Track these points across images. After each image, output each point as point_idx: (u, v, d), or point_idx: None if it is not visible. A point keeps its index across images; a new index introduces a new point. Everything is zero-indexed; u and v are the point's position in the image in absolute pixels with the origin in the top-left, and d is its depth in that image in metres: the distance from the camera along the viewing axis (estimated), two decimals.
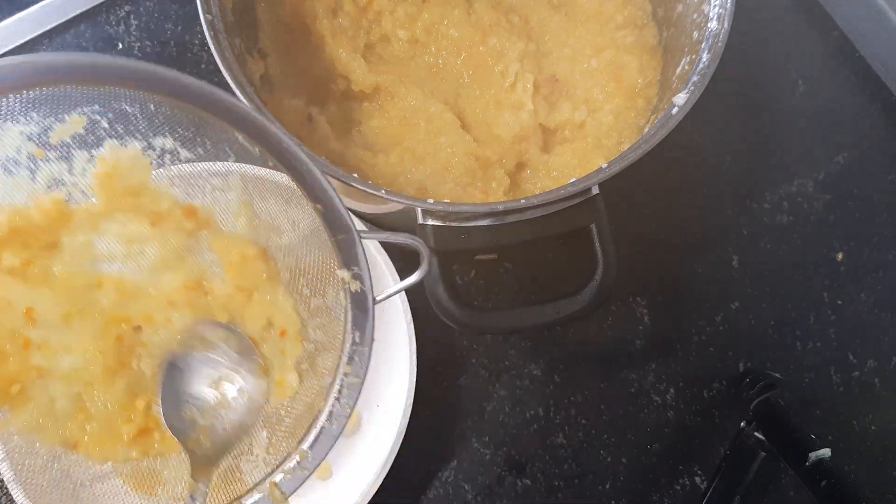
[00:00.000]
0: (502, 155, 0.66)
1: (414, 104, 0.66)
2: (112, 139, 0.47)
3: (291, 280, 0.52)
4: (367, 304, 0.48)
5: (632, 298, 0.74)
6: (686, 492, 0.71)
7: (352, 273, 0.48)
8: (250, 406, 0.50)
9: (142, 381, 0.50)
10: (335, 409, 0.50)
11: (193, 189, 0.50)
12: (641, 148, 0.53)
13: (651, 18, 0.70)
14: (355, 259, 0.47)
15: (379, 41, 0.70)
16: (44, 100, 0.43)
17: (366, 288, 0.48)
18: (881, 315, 0.75)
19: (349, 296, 0.48)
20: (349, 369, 0.49)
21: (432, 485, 0.69)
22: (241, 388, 0.50)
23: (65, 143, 0.46)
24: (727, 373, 0.73)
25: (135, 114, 0.45)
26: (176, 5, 0.78)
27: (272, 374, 0.52)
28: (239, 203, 0.51)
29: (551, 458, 0.71)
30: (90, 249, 0.48)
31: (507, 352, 0.72)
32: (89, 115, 0.45)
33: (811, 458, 0.62)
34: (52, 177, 0.47)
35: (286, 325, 0.52)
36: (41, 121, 0.44)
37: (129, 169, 0.48)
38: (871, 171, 0.78)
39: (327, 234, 0.47)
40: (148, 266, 0.49)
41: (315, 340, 0.52)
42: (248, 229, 0.51)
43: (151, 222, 0.49)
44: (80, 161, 0.47)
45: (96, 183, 0.47)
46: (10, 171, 0.45)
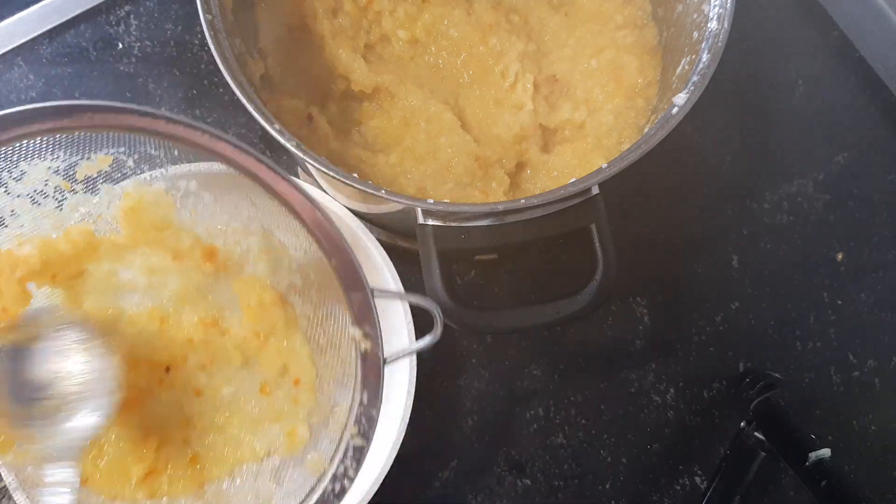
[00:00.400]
0: (502, 155, 0.66)
1: (414, 104, 0.67)
2: (137, 176, 0.49)
3: (308, 329, 0.51)
4: (377, 365, 0.47)
5: (632, 298, 0.74)
6: (686, 492, 0.71)
7: (363, 332, 0.46)
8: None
9: (155, 420, 0.51)
10: (339, 471, 0.48)
11: (215, 232, 0.51)
12: (641, 148, 0.53)
13: (651, 18, 0.70)
14: (368, 317, 0.46)
15: (379, 41, 0.70)
16: (70, 142, 0.44)
17: (377, 348, 0.46)
18: (881, 315, 0.75)
19: (359, 354, 0.47)
20: (355, 430, 0.47)
21: (432, 485, 0.69)
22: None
23: (91, 177, 0.48)
24: (727, 373, 0.73)
25: (160, 157, 0.47)
26: (176, 5, 0.78)
27: (283, 425, 0.52)
28: (259, 248, 0.51)
29: (551, 458, 0.71)
30: (113, 279, 0.50)
31: (507, 352, 0.72)
32: (115, 155, 0.47)
33: (811, 458, 0.62)
34: (77, 208, 0.48)
35: (301, 373, 0.51)
36: (67, 158, 0.46)
37: (153, 204, 0.49)
38: (871, 171, 0.78)
39: (341, 290, 0.46)
40: (168, 299, 0.51)
41: (328, 394, 0.51)
42: (268, 274, 0.51)
43: (173, 257, 0.50)
44: (105, 194, 0.49)
45: (121, 215, 0.49)
46: (37, 203, 0.47)
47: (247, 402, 0.52)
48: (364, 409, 0.47)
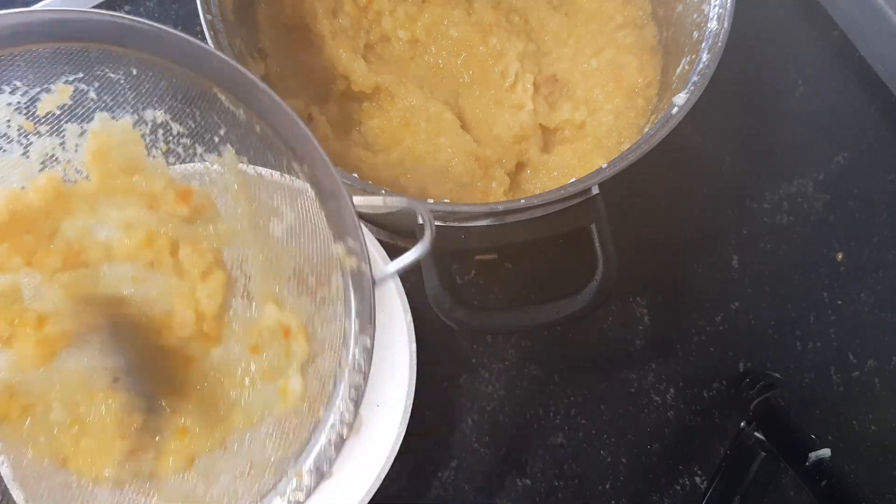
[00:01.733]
0: (502, 155, 0.66)
1: (414, 104, 0.67)
2: (102, 112, 0.45)
3: (296, 269, 0.47)
4: (366, 285, 0.42)
5: (632, 298, 0.74)
6: (686, 492, 0.71)
7: (346, 248, 0.42)
8: None
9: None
10: (334, 419, 0.44)
11: (188, 170, 0.47)
12: (641, 148, 0.53)
13: (651, 18, 0.70)
14: (349, 229, 0.42)
15: (379, 41, 0.70)
16: (25, 65, 0.42)
17: (364, 263, 0.42)
18: (881, 315, 0.75)
19: (347, 277, 0.43)
20: (350, 365, 0.44)
21: (432, 485, 0.69)
22: None
23: (55, 116, 0.45)
24: (727, 373, 0.73)
25: (120, 81, 0.44)
26: (176, 5, 0.78)
27: (276, 380, 0.48)
28: (237, 184, 0.47)
29: (551, 458, 0.71)
30: (88, 236, 0.46)
31: (507, 352, 0.72)
32: (75, 84, 0.44)
33: (811, 458, 0.62)
34: (45, 153, 0.45)
35: (291, 320, 0.47)
36: (27, 90, 0.43)
37: (122, 143, 0.46)
38: (871, 171, 0.78)
39: (317, 202, 0.42)
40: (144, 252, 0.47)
41: (321, 338, 0.47)
42: (248, 213, 0.47)
43: (148, 205, 0.46)
44: (72, 136, 0.45)
45: (90, 159, 0.45)
46: (3, 150, 0.45)
47: (237, 364, 0.49)
48: (357, 340, 0.43)
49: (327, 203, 0.42)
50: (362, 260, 0.42)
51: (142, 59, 0.42)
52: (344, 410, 0.44)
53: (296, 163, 0.43)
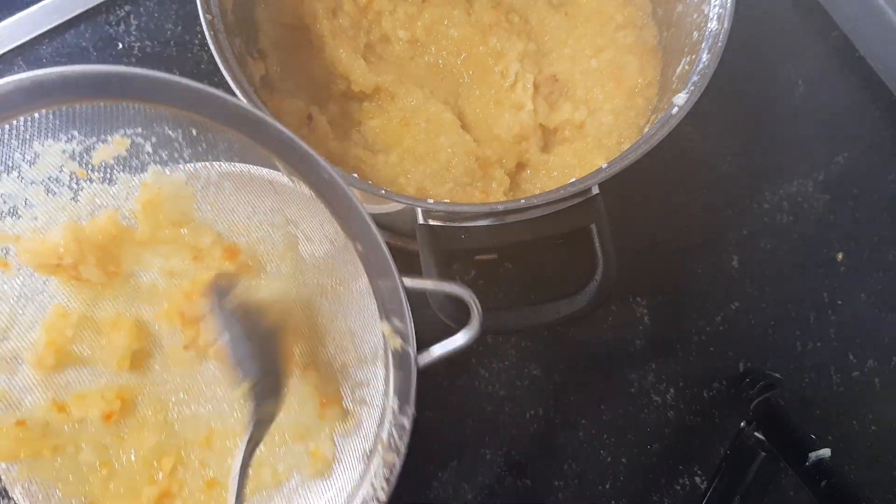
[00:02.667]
0: (502, 155, 0.66)
1: (414, 104, 0.67)
2: (156, 165, 0.46)
3: (336, 335, 0.48)
4: (408, 366, 0.42)
5: (632, 298, 0.74)
6: (686, 492, 0.71)
7: (392, 327, 0.42)
8: None
9: (171, 440, 0.48)
10: (367, 493, 0.43)
11: (237, 227, 0.48)
12: (641, 148, 0.53)
13: (651, 18, 0.70)
14: (397, 310, 0.41)
15: (379, 41, 0.70)
16: (84, 118, 0.42)
17: (408, 345, 0.42)
18: (881, 315, 0.75)
19: (389, 355, 0.42)
20: (385, 443, 0.43)
21: (432, 485, 0.69)
22: None
23: (108, 164, 0.45)
24: (727, 373, 0.73)
25: (178, 139, 0.44)
26: (176, 5, 0.78)
27: (308, 443, 0.48)
28: (283, 244, 0.47)
29: (551, 458, 0.71)
30: (131, 281, 0.47)
31: (507, 352, 0.72)
32: (132, 137, 0.44)
33: (811, 458, 0.62)
34: (94, 200, 0.46)
35: (328, 387, 0.48)
36: (83, 140, 0.44)
37: (172, 196, 0.46)
38: (871, 171, 0.78)
39: (367, 279, 0.42)
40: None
41: (356, 404, 0.47)
42: (293, 273, 0.47)
43: (193, 257, 0.47)
44: (123, 185, 0.46)
45: (139, 208, 0.46)
46: (52, 192, 0.45)
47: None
48: (395, 418, 0.42)
49: (377, 281, 0.42)
50: (407, 342, 0.42)
51: (201, 122, 0.41)
52: (378, 487, 0.44)
53: (350, 240, 0.42)
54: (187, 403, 0.50)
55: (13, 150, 0.42)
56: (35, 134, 0.42)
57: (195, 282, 0.47)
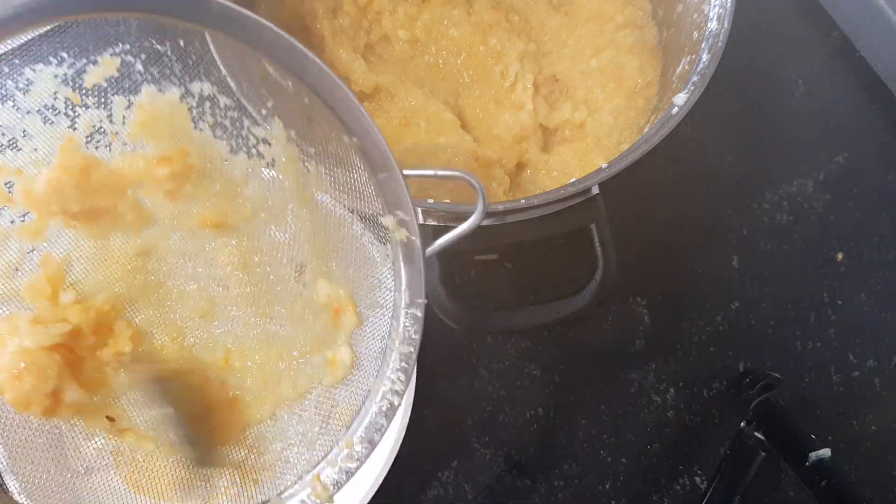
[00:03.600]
0: (502, 155, 0.66)
1: (414, 104, 0.66)
2: (149, 84, 0.45)
3: (343, 241, 0.47)
4: (415, 258, 0.42)
5: (632, 298, 0.74)
6: (686, 492, 0.71)
7: (396, 219, 0.42)
8: None
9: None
10: (385, 387, 0.44)
11: (237, 140, 0.46)
12: (641, 148, 0.53)
13: (651, 18, 0.70)
14: (399, 202, 0.41)
15: (379, 41, 0.70)
16: (70, 38, 0.41)
17: (414, 236, 0.41)
18: (881, 315, 0.75)
19: (397, 248, 0.42)
20: (400, 336, 0.43)
21: (432, 485, 0.69)
22: None
23: (101, 87, 0.44)
24: (727, 373, 0.73)
25: (167, 53, 0.43)
26: None
27: (323, 351, 0.48)
28: (285, 157, 0.46)
29: (551, 458, 0.71)
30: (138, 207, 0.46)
31: (507, 352, 0.72)
32: (122, 55, 0.43)
33: (811, 458, 0.62)
34: (92, 125, 0.44)
35: (340, 293, 0.47)
36: (74, 62, 0.43)
37: (168, 116, 0.45)
38: (871, 171, 0.78)
39: (367, 175, 0.42)
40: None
41: (368, 304, 0.47)
42: (297, 185, 0.46)
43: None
44: (119, 108, 0.45)
45: (136, 131, 0.45)
46: (50, 121, 0.44)
47: (286, 335, 0.49)
48: (407, 310, 0.43)
49: (377, 175, 0.41)
50: (412, 232, 0.42)
51: (188, 30, 0.40)
52: (395, 379, 0.44)
53: (345, 135, 0.41)
54: (203, 327, 0.50)
55: (5, 78, 0.42)
56: (26, 60, 0.42)
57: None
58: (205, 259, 0.49)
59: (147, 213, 0.47)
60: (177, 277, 0.49)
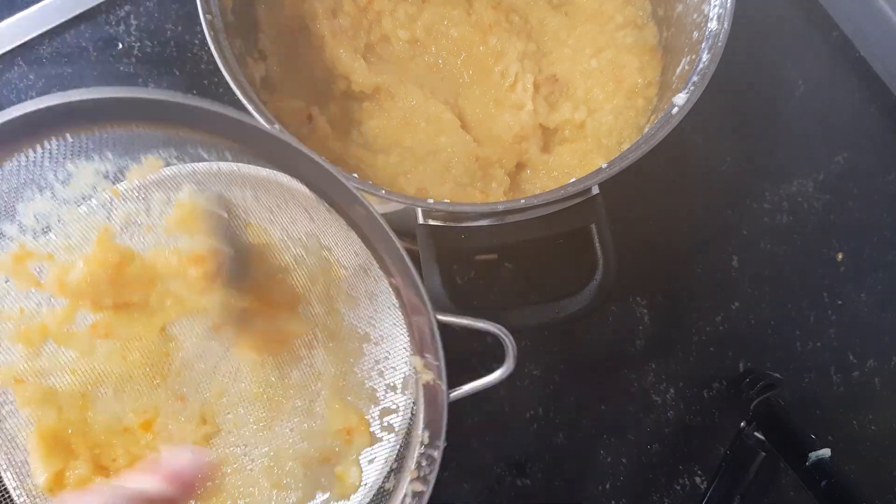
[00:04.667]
0: (502, 155, 0.66)
1: (414, 104, 0.66)
2: (191, 184, 0.45)
3: (367, 361, 0.48)
4: (439, 400, 0.43)
5: (632, 298, 0.74)
6: (686, 492, 0.71)
7: (424, 362, 0.43)
8: None
9: None
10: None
11: (272, 250, 0.47)
12: (641, 148, 0.53)
13: (651, 18, 0.70)
14: (429, 345, 0.43)
15: (379, 41, 0.70)
16: (118, 140, 0.41)
17: (440, 381, 0.43)
18: (881, 315, 0.75)
19: (419, 389, 0.43)
20: (414, 474, 0.44)
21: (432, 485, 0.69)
22: None
23: (143, 184, 0.44)
24: (727, 373, 0.73)
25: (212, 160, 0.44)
26: (176, 5, 0.78)
27: (333, 466, 0.48)
28: (319, 267, 0.47)
29: (551, 458, 0.71)
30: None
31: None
32: (167, 159, 0.43)
33: (811, 458, 0.62)
34: (129, 219, 0.45)
35: (353, 416, 0.48)
36: (117, 161, 0.42)
37: (207, 214, 0.45)
38: (871, 171, 0.78)
39: (401, 314, 0.43)
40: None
41: (385, 431, 0.48)
42: (325, 296, 0.47)
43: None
44: (157, 203, 0.45)
45: (173, 227, 0.45)
46: (86, 211, 0.44)
47: (294, 441, 0.49)
48: (425, 450, 0.43)
49: (411, 317, 0.42)
50: (439, 377, 0.43)
51: (235, 149, 0.41)
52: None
53: (385, 274, 0.42)
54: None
55: (46, 171, 0.41)
56: (68, 154, 0.41)
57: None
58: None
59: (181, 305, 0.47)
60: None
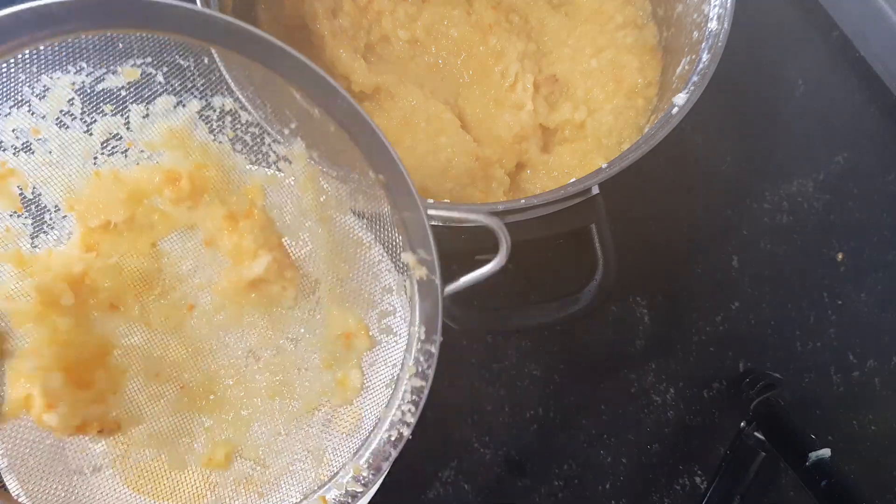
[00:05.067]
0: (502, 155, 0.66)
1: (414, 104, 0.67)
2: (168, 95, 0.44)
3: (362, 266, 0.47)
4: (434, 295, 0.42)
5: (632, 298, 0.74)
6: (686, 492, 0.71)
7: (417, 257, 0.42)
8: None
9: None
10: (395, 417, 0.44)
11: (257, 156, 0.46)
12: (641, 148, 0.53)
13: (651, 18, 0.70)
14: (423, 241, 0.42)
15: (379, 41, 0.70)
16: (92, 48, 0.40)
17: (434, 276, 0.42)
18: (881, 315, 0.75)
19: (415, 285, 0.43)
20: (413, 370, 0.44)
21: (432, 485, 0.69)
22: None
23: (120, 96, 0.43)
24: (727, 373, 0.73)
25: (189, 67, 0.43)
26: None
27: (334, 370, 0.48)
28: (305, 176, 0.46)
29: (551, 458, 0.71)
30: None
31: (507, 352, 0.72)
32: (143, 67, 0.42)
33: (811, 458, 0.62)
34: (109, 132, 0.44)
35: (352, 319, 0.48)
36: (92, 71, 0.42)
37: (189, 128, 0.45)
38: (871, 171, 0.78)
39: (391, 211, 0.42)
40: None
41: (383, 333, 0.47)
42: (315, 207, 0.46)
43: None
44: (136, 116, 0.44)
45: (160, 141, 0.44)
46: (65, 125, 0.43)
47: (297, 352, 0.49)
48: (421, 346, 0.43)
49: (402, 213, 0.42)
50: (433, 271, 0.43)
51: (214, 50, 0.40)
52: (406, 411, 0.45)
53: (371, 170, 0.42)
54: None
55: (21, 84, 0.41)
56: (42, 67, 0.41)
57: None
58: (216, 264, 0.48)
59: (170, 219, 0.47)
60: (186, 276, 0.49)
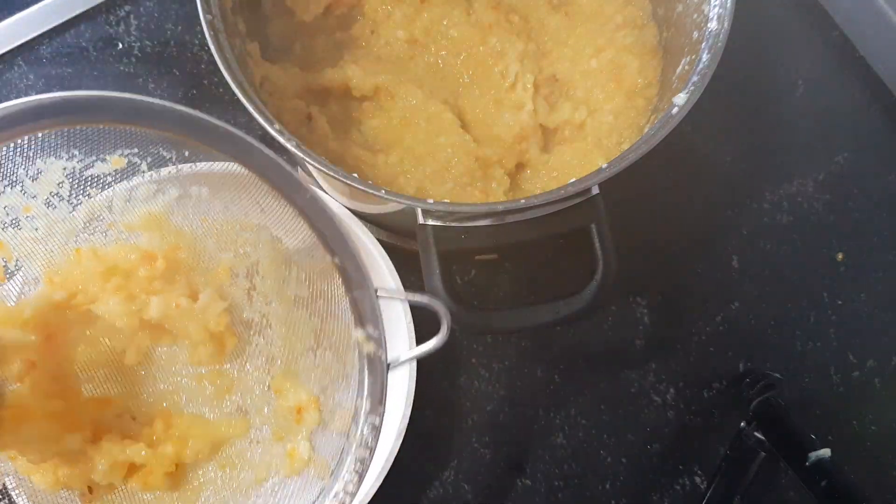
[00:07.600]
0: (502, 155, 0.66)
1: (414, 104, 0.66)
2: (150, 184, 0.50)
3: (316, 339, 0.51)
4: (380, 371, 0.45)
5: (632, 298, 0.74)
6: (686, 492, 0.71)
7: (366, 334, 0.45)
8: None
9: None
10: (338, 488, 0.46)
11: (225, 242, 0.51)
12: (641, 148, 0.53)
13: (651, 18, 0.70)
14: (371, 318, 0.45)
15: (378, 41, 0.70)
16: (85, 138, 0.45)
17: (381, 351, 0.45)
18: (881, 315, 0.75)
19: (363, 359, 0.45)
20: (357, 441, 0.46)
21: (432, 485, 0.69)
22: None
23: (105, 182, 0.49)
24: (727, 373, 0.73)
25: (171, 159, 0.48)
26: (176, 5, 0.78)
27: (283, 442, 0.51)
28: (268, 260, 0.51)
29: (551, 458, 0.71)
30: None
31: (507, 352, 0.72)
32: (129, 157, 0.48)
33: (811, 458, 0.62)
34: (92, 213, 0.50)
35: (303, 393, 0.51)
36: (83, 158, 0.47)
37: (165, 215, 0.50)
38: (871, 171, 0.78)
39: (343, 289, 0.45)
40: None
41: (331, 407, 0.50)
42: (275, 288, 0.51)
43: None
44: (119, 199, 0.50)
45: (140, 224, 0.50)
46: (52, 206, 0.49)
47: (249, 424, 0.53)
48: (366, 417, 0.45)
49: (353, 292, 0.45)
50: (380, 347, 0.45)
51: (195, 147, 0.45)
52: (348, 481, 0.46)
53: (328, 253, 0.45)
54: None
55: (17, 167, 0.46)
56: (38, 152, 0.46)
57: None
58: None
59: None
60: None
